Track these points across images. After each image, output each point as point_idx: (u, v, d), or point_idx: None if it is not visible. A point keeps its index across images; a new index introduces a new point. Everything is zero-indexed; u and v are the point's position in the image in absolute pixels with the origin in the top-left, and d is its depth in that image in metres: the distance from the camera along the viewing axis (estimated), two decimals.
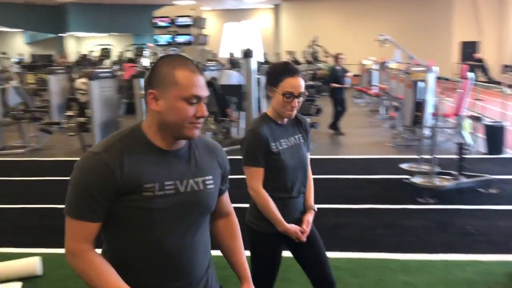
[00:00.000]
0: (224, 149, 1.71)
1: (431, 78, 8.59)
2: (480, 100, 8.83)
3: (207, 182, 1.52)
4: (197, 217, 1.52)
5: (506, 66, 18.67)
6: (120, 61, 18.41)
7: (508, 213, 4.65)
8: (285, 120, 2.25)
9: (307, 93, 2.21)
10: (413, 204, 5.09)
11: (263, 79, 8.37)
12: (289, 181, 2.21)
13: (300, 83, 2.14)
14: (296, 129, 2.30)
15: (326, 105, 9.80)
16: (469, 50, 23.49)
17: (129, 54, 19.76)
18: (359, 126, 10.52)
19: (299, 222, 2.26)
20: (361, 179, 6.12)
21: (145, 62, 14.67)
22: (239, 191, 2.49)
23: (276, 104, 2.18)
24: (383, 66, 13.57)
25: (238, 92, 8.74)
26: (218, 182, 1.57)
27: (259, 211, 2.21)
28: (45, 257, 3.73)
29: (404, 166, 6.17)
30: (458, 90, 7.82)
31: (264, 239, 2.24)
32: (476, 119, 7.69)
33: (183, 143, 1.49)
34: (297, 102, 2.15)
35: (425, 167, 5.88)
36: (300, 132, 2.31)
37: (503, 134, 7.36)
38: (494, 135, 7.38)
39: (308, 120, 2.45)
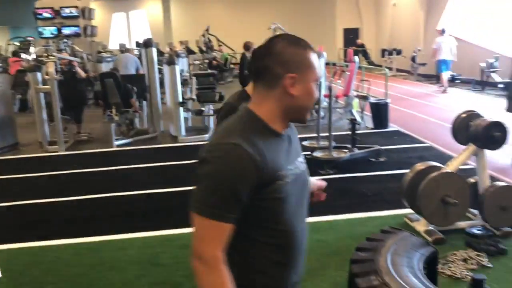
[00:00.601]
0: (129, 140, 1.59)
1: (322, 63, 9.32)
2: (366, 81, 9.74)
3: (303, 161, 1.49)
4: (306, 199, 1.50)
5: (384, 50, 20.39)
6: None
7: (395, 176, 5.36)
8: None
9: None
10: (316, 176, 5.62)
11: (166, 68, 8.48)
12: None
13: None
14: None
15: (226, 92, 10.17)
16: (351, 36, 25.28)
17: (11, 48, 18.45)
18: None
19: None
20: None
21: (32, 56, 13.90)
22: None
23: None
24: None
25: (138, 82, 8.76)
26: None
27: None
28: None
29: (305, 143, 6.72)
30: (346, 73, 8.61)
31: None
32: (363, 98, 8.52)
33: None
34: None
35: (323, 143, 6.48)
36: None
37: (387, 110, 8.25)
38: (379, 111, 8.25)
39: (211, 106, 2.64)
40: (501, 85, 12.70)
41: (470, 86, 14.10)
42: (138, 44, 11.81)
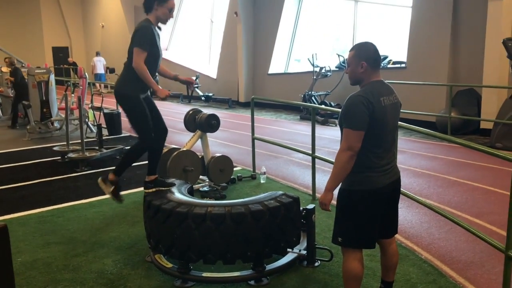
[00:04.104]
0: None
1: (52, 78, 10.06)
2: (98, 94, 10.85)
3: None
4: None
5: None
6: None
7: (140, 166, 6.79)
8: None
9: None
10: (75, 173, 6.60)
11: None
12: (155, 67, 3.80)
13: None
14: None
15: None
16: (61, 54, 25.43)
17: None
18: None
19: None
20: (22, 165, 7.11)
21: None
22: None
23: (161, 13, 3.68)
24: None
25: None
26: None
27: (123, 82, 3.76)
28: None
29: (56, 148, 7.48)
30: (80, 87, 9.57)
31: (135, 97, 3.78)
32: (98, 109, 9.64)
33: None
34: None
35: (73, 147, 7.39)
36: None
37: (120, 119, 9.59)
38: (113, 120, 9.52)
39: None
40: (203, 98, 15.63)
41: (179, 99, 16.70)
42: None
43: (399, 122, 3.94)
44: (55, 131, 9.83)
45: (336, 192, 2.69)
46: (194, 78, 15.95)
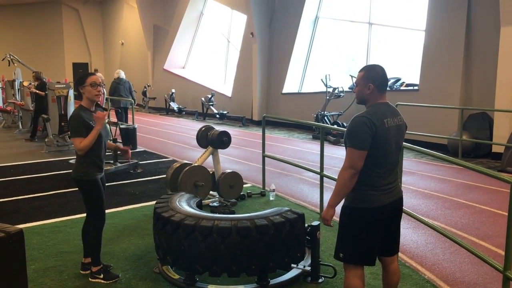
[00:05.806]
0: None
1: (71, 93, 10.34)
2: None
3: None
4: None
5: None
6: None
7: (153, 180, 6.96)
8: (92, 108, 3.60)
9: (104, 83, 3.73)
10: None
11: None
12: (102, 146, 3.62)
13: (98, 78, 3.59)
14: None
15: None
16: (81, 70, 25.97)
17: None
18: (5, 140, 11.10)
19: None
20: (39, 177, 7.30)
21: None
22: None
23: (88, 93, 3.53)
24: (12, 84, 14.30)
25: None
26: None
27: (80, 167, 3.55)
28: None
29: (72, 161, 7.68)
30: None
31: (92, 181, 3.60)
32: (114, 124, 9.86)
33: None
34: (101, 89, 3.58)
35: None
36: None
37: (135, 134, 9.78)
38: (129, 135, 9.71)
39: None
40: (217, 116, 15.83)
41: (194, 116, 16.94)
42: None
43: (410, 145, 4.07)
44: (71, 145, 10.05)
45: (339, 208, 2.79)
46: (209, 96, 16.26)
